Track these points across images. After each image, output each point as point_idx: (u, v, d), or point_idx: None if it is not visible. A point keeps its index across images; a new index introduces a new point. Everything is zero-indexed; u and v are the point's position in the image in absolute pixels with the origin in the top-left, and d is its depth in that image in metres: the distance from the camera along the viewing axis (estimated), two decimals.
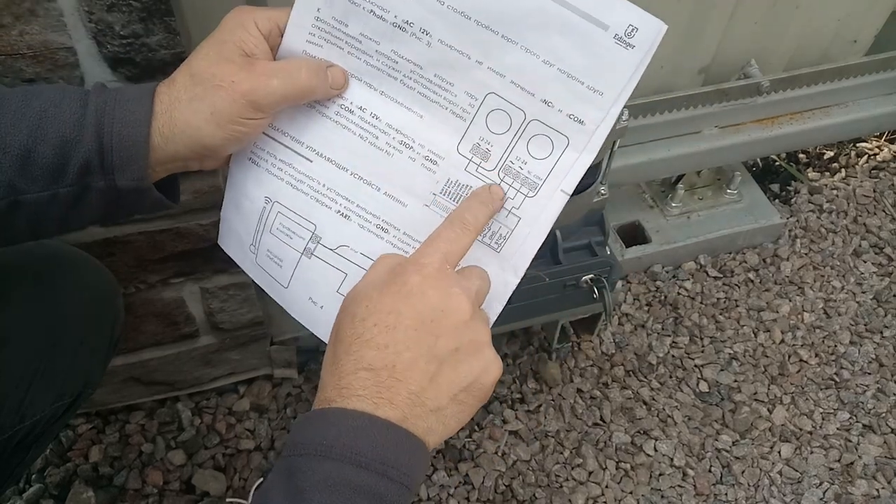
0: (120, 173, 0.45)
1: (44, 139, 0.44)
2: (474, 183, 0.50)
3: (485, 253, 0.51)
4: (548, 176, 0.49)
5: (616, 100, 0.46)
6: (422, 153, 0.50)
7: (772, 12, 1.09)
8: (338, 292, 0.53)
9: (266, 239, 0.54)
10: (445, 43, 0.47)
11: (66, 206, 0.46)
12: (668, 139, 1.11)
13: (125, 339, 0.85)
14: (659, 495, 1.01)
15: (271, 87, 0.46)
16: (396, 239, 0.52)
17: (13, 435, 0.58)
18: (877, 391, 1.13)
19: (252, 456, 1.00)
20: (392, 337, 0.42)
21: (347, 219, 0.52)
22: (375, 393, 0.40)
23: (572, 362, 1.12)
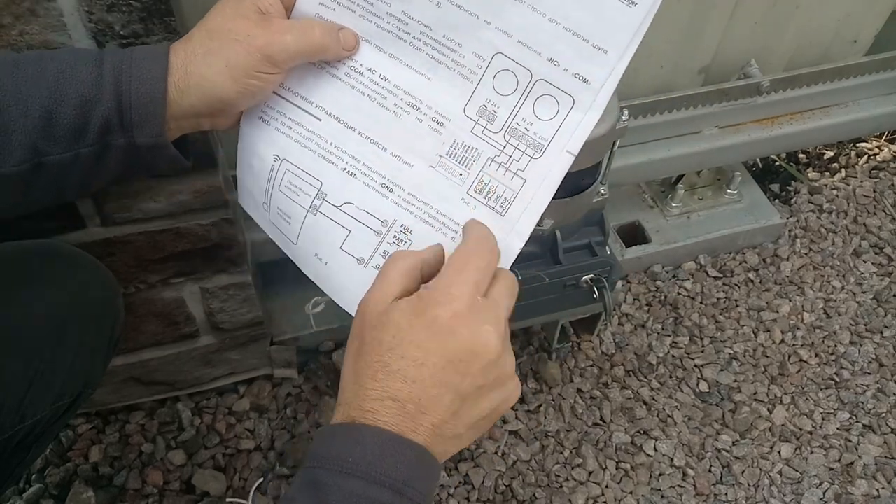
0: (139, 130, 0.47)
1: (64, 100, 0.45)
2: (480, 145, 0.50)
3: (489, 216, 0.51)
4: (553, 136, 0.49)
5: (620, 58, 0.47)
6: (429, 114, 0.51)
7: (772, 12, 1.09)
8: (341, 248, 0.54)
9: (276, 196, 0.55)
10: (454, 3, 0.48)
11: (88, 165, 0.47)
12: (668, 139, 1.11)
13: (125, 339, 0.85)
14: (659, 495, 1.01)
15: (286, 42, 0.48)
16: (401, 199, 0.52)
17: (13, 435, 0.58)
18: (877, 391, 1.13)
19: (252, 456, 1.00)
20: (419, 373, 0.42)
21: (353, 176, 0.52)
22: (400, 421, 0.42)
23: (572, 362, 1.13)
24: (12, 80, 0.44)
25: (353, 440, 0.41)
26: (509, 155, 0.50)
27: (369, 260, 0.53)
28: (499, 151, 0.50)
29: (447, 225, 0.52)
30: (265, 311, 0.97)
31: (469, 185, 0.51)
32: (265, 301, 1.01)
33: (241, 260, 0.85)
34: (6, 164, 0.45)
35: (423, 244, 0.51)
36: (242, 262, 0.86)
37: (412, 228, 0.52)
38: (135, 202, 0.74)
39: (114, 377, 0.95)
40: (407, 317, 0.43)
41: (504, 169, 0.51)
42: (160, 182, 0.73)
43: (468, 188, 0.51)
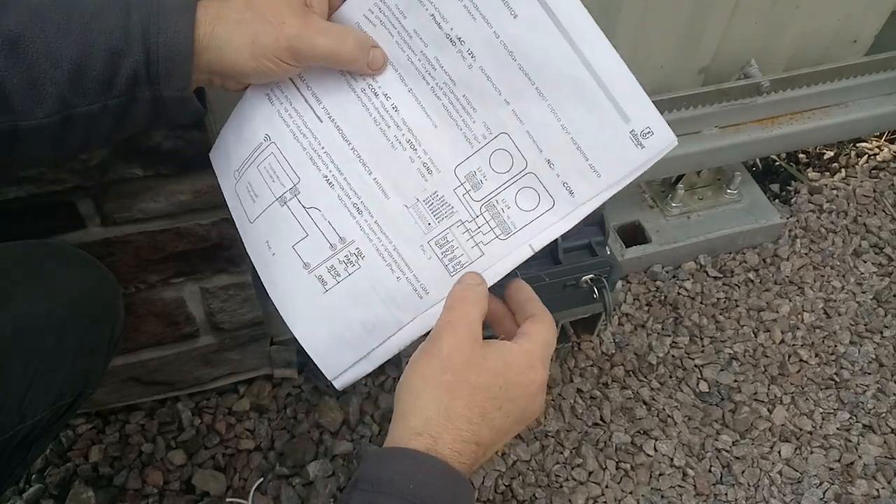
0: (165, 83, 0.47)
1: (93, 52, 0.45)
2: (457, 206, 0.52)
3: (439, 271, 0.52)
4: (524, 227, 0.51)
5: (609, 187, 0.49)
6: (422, 159, 0.52)
7: (772, 12, 1.09)
8: (293, 247, 0.54)
9: (251, 172, 0.56)
10: (485, 72, 0.49)
11: (115, 117, 0.47)
12: None
13: (125, 339, 0.85)
14: (659, 495, 1.01)
15: (316, 42, 0.48)
16: (366, 224, 0.53)
17: (14, 435, 0.58)
18: (877, 391, 1.13)
19: (252, 456, 1.00)
20: (503, 424, 0.47)
21: (331, 186, 0.53)
22: (472, 461, 0.45)
23: (572, 362, 1.13)
24: (40, 33, 0.44)
25: (413, 466, 0.43)
26: (478, 226, 0.52)
27: (314, 268, 0.54)
28: (471, 219, 0.52)
29: (398, 264, 0.53)
30: (265, 311, 0.97)
31: (432, 236, 0.52)
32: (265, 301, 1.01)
33: (241, 260, 0.85)
34: (37, 116, 0.45)
35: (370, 273, 0.53)
36: (242, 262, 0.86)
37: (365, 255, 0.53)
38: (135, 202, 0.74)
39: (114, 377, 0.95)
40: (513, 372, 0.47)
41: (469, 236, 0.52)
42: (160, 182, 0.73)
43: (430, 238, 0.52)
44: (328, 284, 0.54)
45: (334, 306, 0.54)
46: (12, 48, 0.43)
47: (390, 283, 0.53)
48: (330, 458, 1.00)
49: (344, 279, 0.53)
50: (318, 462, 0.99)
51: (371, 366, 0.55)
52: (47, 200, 0.70)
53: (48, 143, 0.47)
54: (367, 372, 0.56)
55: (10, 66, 0.43)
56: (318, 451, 1.01)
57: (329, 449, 1.01)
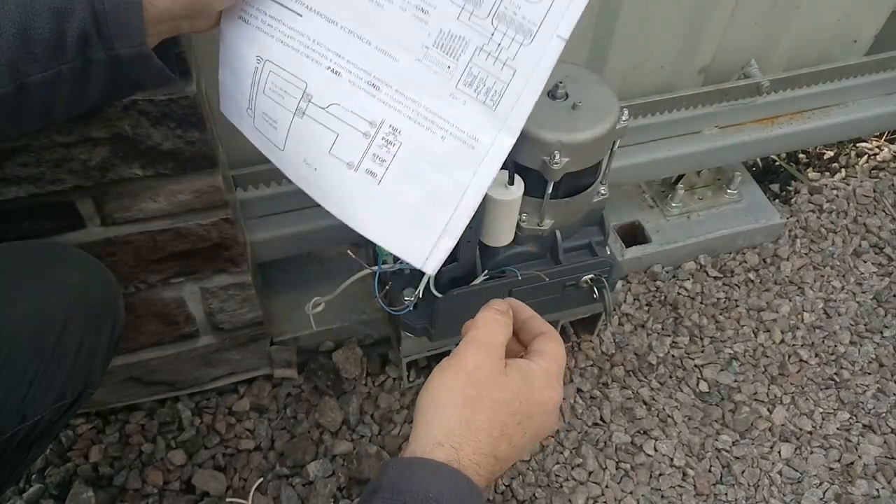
0: (118, 41, 0.45)
1: (35, 13, 0.43)
2: (467, 34, 0.48)
3: (480, 111, 0.49)
4: (543, 20, 0.46)
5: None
6: (413, 2, 0.48)
7: (772, 12, 1.09)
8: (330, 153, 0.52)
9: (260, 100, 0.54)
10: None
11: (71, 83, 0.46)
12: (668, 139, 1.11)
13: (125, 339, 0.85)
14: (659, 495, 1.01)
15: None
16: (388, 97, 0.50)
17: (14, 435, 0.58)
18: (877, 391, 1.13)
19: (252, 456, 1.00)
20: (521, 440, 0.48)
21: (338, 75, 0.50)
22: (489, 474, 0.46)
23: (572, 362, 1.12)
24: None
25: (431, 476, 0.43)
26: (498, 42, 0.47)
27: (359, 164, 0.51)
28: (487, 39, 0.47)
29: (437, 124, 0.49)
30: (265, 311, 0.97)
31: (458, 78, 0.49)
32: (265, 301, 1.01)
33: (241, 260, 0.85)
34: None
35: (413, 145, 0.50)
36: (242, 262, 0.86)
37: (401, 129, 0.50)
38: (135, 202, 0.74)
39: (114, 377, 0.95)
40: (533, 390, 0.48)
41: (493, 58, 0.48)
42: (160, 182, 0.73)
43: (457, 81, 0.49)
44: (378, 174, 0.51)
45: (393, 193, 0.51)
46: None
47: (436, 145, 0.50)
48: (330, 458, 1.00)
49: (391, 162, 0.51)
50: (318, 462, 0.99)
51: (453, 239, 0.52)
52: (47, 200, 0.70)
53: (7, 116, 0.46)
54: (451, 246, 0.52)
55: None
56: (318, 451, 1.01)
57: (329, 449, 1.01)
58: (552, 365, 0.50)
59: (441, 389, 0.47)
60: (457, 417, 0.46)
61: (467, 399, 0.46)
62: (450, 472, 0.43)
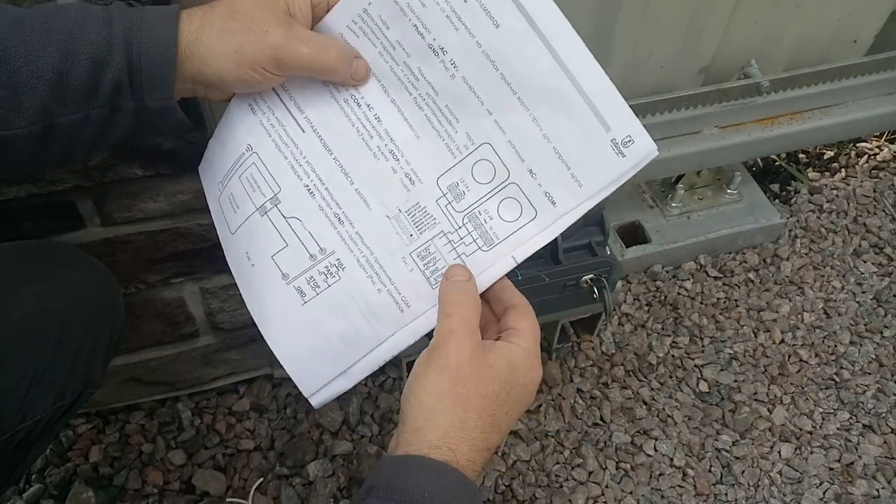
0: (148, 93, 0.47)
1: (74, 61, 0.44)
2: (439, 217, 0.51)
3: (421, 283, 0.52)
4: (506, 238, 0.51)
5: (591, 196, 0.49)
6: (405, 169, 0.52)
7: (772, 12, 1.09)
8: (272, 258, 0.54)
9: (233, 182, 0.55)
10: (468, 82, 0.49)
11: (97, 126, 0.47)
12: (668, 139, 1.11)
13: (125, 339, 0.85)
14: (659, 495, 1.01)
15: (300, 52, 0.48)
16: (347, 235, 0.52)
17: (14, 435, 0.58)
18: (877, 391, 1.13)
19: (252, 456, 1.00)
20: (508, 425, 0.48)
21: (312, 196, 0.53)
22: (482, 466, 0.46)
23: (572, 362, 1.13)
24: (21, 41, 0.43)
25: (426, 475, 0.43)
26: (461, 237, 0.51)
27: (293, 279, 0.53)
28: (453, 230, 0.51)
29: (379, 276, 0.52)
30: None
31: (415, 247, 0.52)
32: None
33: None
34: (18, 125, 0.45)
35: (351, 285, 0.52)
36: None
37: (346, 266, 0.52)
38: (135, 202, 0.74)
39: (114, 377, 0.95)
40: (518, 375, 0.48)
41: (451, 247, 0.52)
42: (160, 182, 0.73)
43: (413, 250, 0.52)
44: (307, 296, 0.53)
45: (313, 319, 0.53)
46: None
47: (371, 295, 0.52)
48: (330, 458, 1.00)
49: (323, 291, 0.53)
50: (318, 462, 0.99)
51: (350, 382, 0.54)
52: (47, 200, 0.70)
53: (29, 152, 0.47)
54: (345, 389, 0.54)
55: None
56: (318, 451, 1.01)
57: (329, 449, 1.01)
58: (532, 344, 0.49)
59: (427, 393, 0.46)
60: (449, 419, 0.45)
61: (457, 399, 0.46)
62: (446, 469, 0.43)
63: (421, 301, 0.52)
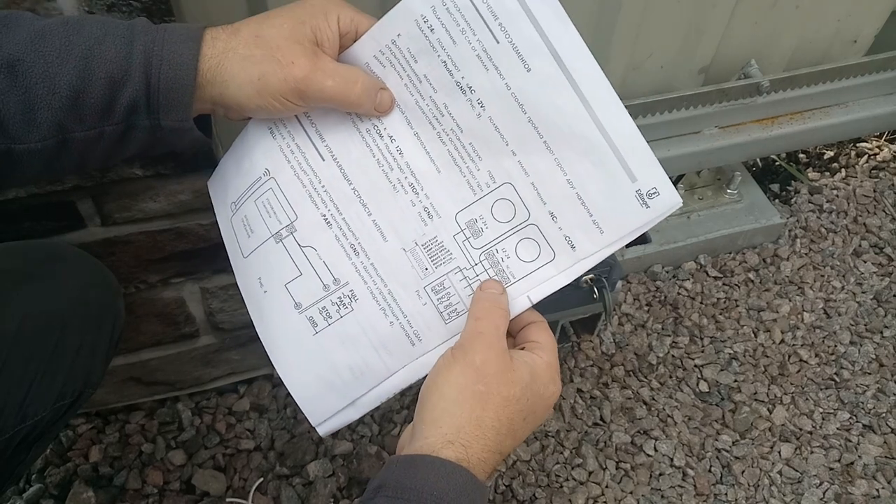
0: (165, 114, 0.46)
1: (92, 79, 0.44)
2: (455, 252, 0.51)
3: (433, 318, 0.52)
4: (522, 278, 0.51)
5: (612, 244, 0.49)
6: (424, 203, 0.52)
7: (772, 12, 1.09)
8: (285, 286, 0.54)
9: (248, 206, 0.55)
10: (493, 122, 0.49)
11: (112, 142, 0.47)
12: (668, 139, 1.11)
13: (125, 339, 0.85)
14: (659, 495, 1.01)
15: (324, 86, 0.48)
16: (362, 266, 0.52)
17: (14, 435, 0.58)
18: (877, 391, 1.13)
19: (252, 456, 1.00)
20: (524, 432, 0.48)
21: (329, 225, 0.53)
22: (492, 469, 0.46)
23: (572, 362, 1.13)
24: (39, 56, 0.43)
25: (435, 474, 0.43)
26: (477, 273, 0.52)
27: (305, 309, 0.53)
28: (469, 266, 0.52)
29: (391, 308, 0.52)
30: None
31: (429, 281, 0.52)
32: None
33: None
34: (31, 139, 0.44)
35: (363, 317, 0.52)
36: None
37: (359, 297, 0.52)
38: (135, 202, 0.74)
39: (114, 377, 0.95)
40: (538, 385, 0.48)
41: (466, 283, 0.52)
42: (160, 182, 0.73)
43: (426, 284, 0.52)
44: (318, 326, 0.53)
45: (323, 349, 0.53)
46: (10, 71, 0.43)
47: (383, 327, 0.52)
48: (330, 458, 1.00)
49: (335, 321, 0.53)
50: (318, 462, 0.99)
51: (357, 413, 0.54)
52: (47, 200, 0.70)
53: (42, 165, 0.47)
54: (352, 419, 0.55)
55: (7, 88, 0.43)
56: (318, 451, 1.01)
57: (329, 449, 1.01)
58: (553, 358, 0.50)
59: (450, 385, 0.47)
60: (467, 415, 0.45)
61: (477, 396, 0.46)
62: (456, 469, 0.43)
63: (433, 335, 0.52)
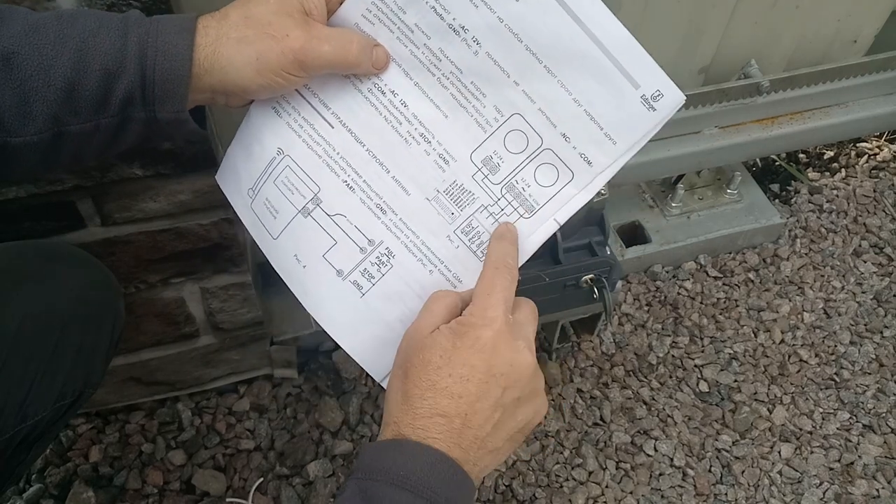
0: (161, 106, 0.46)
1: (87, 71, 0.44)
2: (477, 191, 0.52)
3: (468, 258, 0.53)
4: (546, 202, 0.52)
5: (626, 152, 0.50)
6: (437, 150, 0.52)
7: (772, 12, 1.09)
8: (323, 257, 0.55)
9: (268, 188, 0.55)
10: (491, 56, 0.49)
11: (107, 135, 0.47)
12: (668, 139, 1.11)
13: (125, 339, 0.85)
14: (659, 495, 1.01)
15: (322, 51, 0.48)
16: (392, 223, 0.53)
17: (14, 435, 0.58)
18: (877, 391, 1.13)
19: (252, 456, 1.00)
20: (465, 388, 0.45)
21: (352, 190, 0.53)
22: (448, 437, 0.44)
23: (572, 362, 1.13)
24: (34, 48, 0.43)
25: (404, 456, 0.43)
26: (501, 208, 0.53)
27: (348, 274, 0.54)
28: (493, 202, 0.53)
29: (428, 257, 0.53)
30: (265, 311, 0.97)
31: (458, 225, 0.53)
32: (265, 301, 1.01)
33: (241, 260, 0.85)
34: (27, 132, 0.44)
35: (403, 270, 0.54)
36: (242, 262, 0.86)
37: (395, 253, 0.54)
38: (135, 202, 0.74)
39: (114, 377, 0.95)
40: (451, 339, 0.46)
41: (493, 219, 0.53)
42: (160, 182, 0.73)
43: (456, 228, 0.53)
44: (364, 288, 0.54)
45: (372, 309, 0.54)
46: (5, 64, 0.43)
47: (423, 277, 0.53)
48: (330, 458, 1.00)
49: (379, 280, 0.54)
50: (318, 462, 0.99)
51: None
52: (47, 200, 0.70)
53: (38, 158, 0.47)
54: None
55: (2, 82, 0.43)
56: (318, 451, 1.01)
57: (329, 449, 1.01)
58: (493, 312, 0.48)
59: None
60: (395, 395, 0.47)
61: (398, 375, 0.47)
62: (396, 443, 0.44)
63: (471, 275, 0.53)
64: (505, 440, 0.47)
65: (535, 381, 0.48)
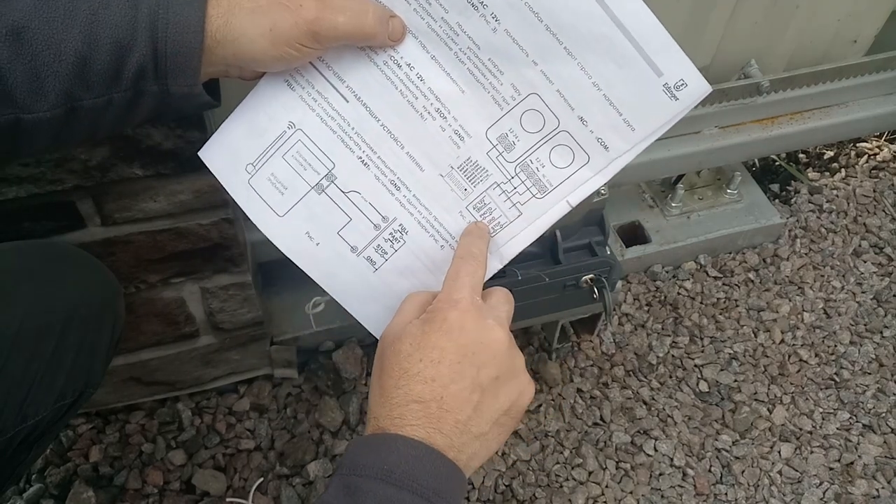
0: (173, 79, 0.46)
1: (98, 45, 0.43)
2: (491, 169, 0.52)
3: None
4: (560, 184, 0.52)
5: (644, 139, 0.50)
6: (453, 126, 0.52)
7: (772, 12, 1.09)
8: (338, 234, 0.55)
9: (275, 163, 0.54)
10: (510, 34, 0.49)
11: (120, 109, 0.46)
12: (668, 139, 1.11)
13: (125, 339, 0.85)
14: (659, 495, 1.01)
15: (337, 22, 0.47)
16: (405, 199, 0.53)
17: (15, 435, 0.58)
18: (877, 391, 1.13)
19: (252, 456, 1.00)
20: (438, 371, 0.44)
21: (366, 167, 0.53)
22: (427, 423, 0.43)
23: (572, 362, 1.13)
24: (44, 22, 0.42)
25: (387, 448, 0.42)
26: (514, 186, 0.53)
27: (362, 250, 0.55)
28: (506, 180, 0.53)
29: (440, 233, 0.54)
30: (265, 311, 0.97)
31: (470, 201, 0.53)
32: (265, 301, 1.01)
33: (241, 260, 0.85)
34: (40, 108, 0.44)
35: (415, 246, 0.54)
36: (242, 262, 0.86)
37: (409, 229, 0.54)
38: (135, 202, 0.74)
39: (114, 377, 0.95)
40: (420, 326, 0.47)
41: (506, 197, 0.53)
42: (160, 182, 0.73)
43: (469, 203, 0.53)
44: (377, 264, 0.55)
45: (385, 283, 0.55)
46: (16, 38, 0.42)
47: (434, 252, 0.54)
48: (330, 458, 1.00)
49: (391, 256, 0.55)
50: (318, 462, 0.99)
51: None
52: (47, 200, 0.70)
53: (51, 135, 0.46)
54: None
55: (13, 57, 0.42)
56: (318, 451, 1.01)
57: (329, 449, 1.01)
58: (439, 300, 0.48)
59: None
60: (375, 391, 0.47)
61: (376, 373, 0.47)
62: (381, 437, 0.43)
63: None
64: (490, 423, 0.46)
65: (511, 359, 0.47)
